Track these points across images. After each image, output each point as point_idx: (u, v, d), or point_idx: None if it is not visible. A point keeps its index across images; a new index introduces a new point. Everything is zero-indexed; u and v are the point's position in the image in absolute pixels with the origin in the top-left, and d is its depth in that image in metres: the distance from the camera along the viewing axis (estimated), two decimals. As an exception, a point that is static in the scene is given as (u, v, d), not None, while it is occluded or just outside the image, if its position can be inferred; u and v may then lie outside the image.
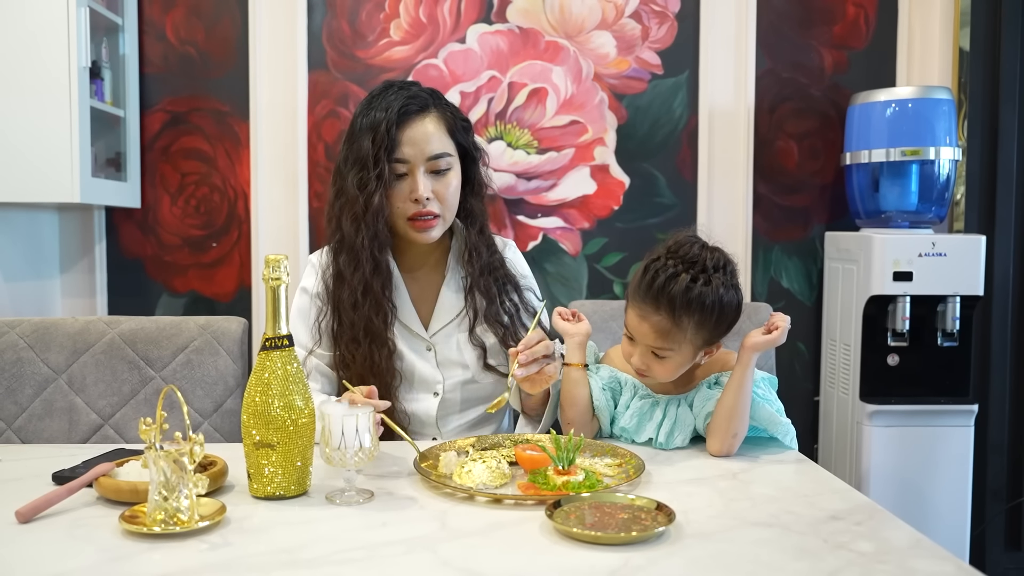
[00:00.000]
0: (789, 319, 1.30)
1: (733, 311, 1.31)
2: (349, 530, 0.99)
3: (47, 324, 1.58)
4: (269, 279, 1.10)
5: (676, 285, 1.26)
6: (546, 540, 0.95)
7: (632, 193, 2.44)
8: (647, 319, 1.29)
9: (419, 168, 1.42)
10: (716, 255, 1.31)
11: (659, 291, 1.27)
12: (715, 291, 1.27)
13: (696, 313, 1.27)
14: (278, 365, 1.10)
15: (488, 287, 1.52)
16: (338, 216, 1.45)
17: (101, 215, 2.42)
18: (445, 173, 1.45)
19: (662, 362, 1.32)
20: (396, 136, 1.41)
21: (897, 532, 0.98)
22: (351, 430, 1.07)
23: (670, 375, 1.35)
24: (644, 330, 1.30)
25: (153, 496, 0.97)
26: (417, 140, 1.42)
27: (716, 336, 1.33)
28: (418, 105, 1.44)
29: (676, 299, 1.26)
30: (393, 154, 1.41)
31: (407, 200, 1.43)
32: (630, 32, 2.41)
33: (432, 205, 1.43)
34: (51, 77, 1.99)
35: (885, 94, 2.23)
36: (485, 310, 1.51)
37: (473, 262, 1.51)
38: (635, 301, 1.31)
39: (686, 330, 1.28)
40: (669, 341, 1.29)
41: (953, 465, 2.15)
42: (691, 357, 1.33)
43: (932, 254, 2.11)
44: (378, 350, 1.42)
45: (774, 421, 1.34)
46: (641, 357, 1.33)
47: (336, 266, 1.46)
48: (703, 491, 1.14)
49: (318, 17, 2.38)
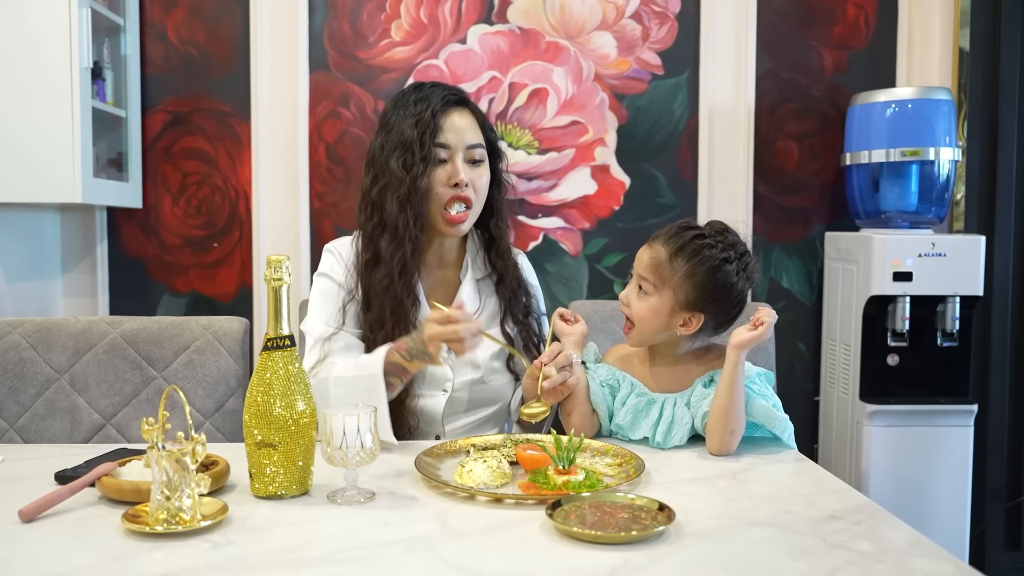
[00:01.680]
0: (775, 313, 1.31)
1: (725, 288, 1.34)
2: (350, 529, 0.99)
3: (49, 324, 1.58)
4: (271, 279, 1.10)
5: (690, 233, 1.35)
6: (546, 539, 0.96)
7: (632, 193, 2.44)
8: (650, 247, 1.38)
9: (459, 154, 1.46)
10: (741, 243, 1.38)
11: (676, 231, 1.36)
12: (718, 256, 1.33)
13: (690, 262, 1.33)
14: (280, 365, 1.10)
15: (514, 286, 1.55)
16: (375, 200, 1.46)
17: (103, 215, 2.42)
18: (480, 164, 1.49)
19: (642, 300, 1.37)
20: (440, 122, 1.45)
21: (896, 532, 0.99)
22: (352, 430, 1.07)
23: (645, 320, 1.37)
24: (642, 256, 1.38)
25: (155, 496, 0.98)
26: (459, 128, 1.47)
27: (699, 301, 1.34)
28: (458, 97, 1.50)
29: (680, 240, 1.34)
30: (436, 138, 1.44)
31: (446, 185, 1.45)
32: (630, 33, 2.41)
33: (468, 192, 1.46)
34: (53, 78, 2.00)
35: (885, 95, 2.23)
36: (513, 305, 1.54)
37: (503, 257, 1.55)
38: (652, 237, 1.39)
39: (676, 272, 1.33)
40: (656, 275, 1.35)
41: (953, 465, 2.15)
42: (668, 310, 1.35)
43: (932, 254, 2.11)
44: (403, 332, 1.42)
45: (770, 416, 1.34)
46: (628, 289, 1.40)
47: (372, 250, 1.46)
48: (703, 491, 1.14)
49: (319, 18, 2.39)
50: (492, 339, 1.35)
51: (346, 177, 2.42)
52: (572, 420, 1.39)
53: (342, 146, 2.41)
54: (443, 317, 1.28)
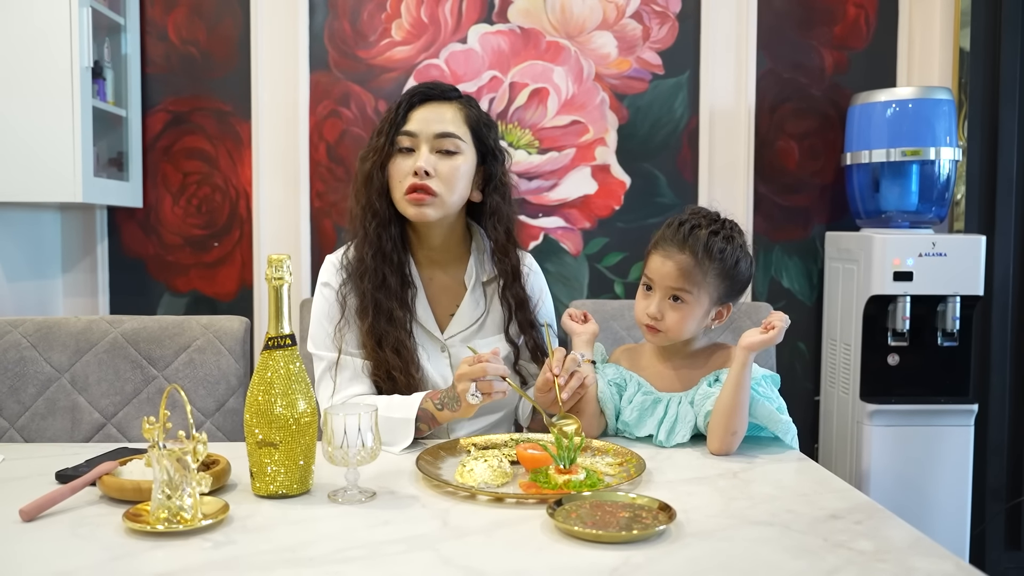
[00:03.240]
0: (787, 319, 1.31)
1: (745, 275, 1.38)
2: (351, 529, 0.99)
3: (50, 323, 1.58)
4: (272, 279, 1.10)
5: (702, 231, 1.35)
6: (547, 538, 0.96)
7: (633, 193, 2.44)
8: (671, 258, 1.35)
9: (424, 144, 1.43)
10: (732, 223, 1.40)
11: (687, 234, 1.35)
12: (735, 248, 1.36)
13: (717, 261, 1.34)
14: (281, 364, 1.10)
15: (518, 291, 1.53)
16: (351, 206, 1.48)
17: (103, 215, 2.43)
18: (452, 155, 1.45)
19: (678, 310, 1.36)
20: (407, 114, 1.45)
21: (897, 531, 0.99)
22: (353, 429, 1.07)
23: (681, 327, 1.37)
24: (667, 270, 1.35)
25: (156, 495, 0.98)
26: (428, 119, 1.45)
27: (729, 294, 1.38)
28: (439, 92, 1.48)
29: (700, 242, 1.34)
30: (401, 128, 1.44)
31: (408, 174, 1.43)
32: (631, 32, 2.41)
33: (432, 182, 1.42)
34: (53, 77, 2.00)
35: (885, 94, 2.23)
36: (518, 312, 1.52)
37: (505, 262, 1.52)
38: (660, 245, 1.38)
39: (707, 273, 1.34)
40: (690, 282, 1.34)
41: (953, 465, 2.15)
42: (704, 311, 1.37)
43: (932, 254, 2.11)
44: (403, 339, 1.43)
45: (774, 419, 1.34)
46: (658, 305, 1.36)
47: (358, 256, 1.46)
48: (703, 490, 1.14)
49: (319, 17, 2.39)
50: (516, 389, 1.32)
51: (346, 177, 2.42)
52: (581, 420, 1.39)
53: (342, 146, 2.41)
54: (474, 359, 1.29)
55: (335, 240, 2.42)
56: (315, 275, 2.38)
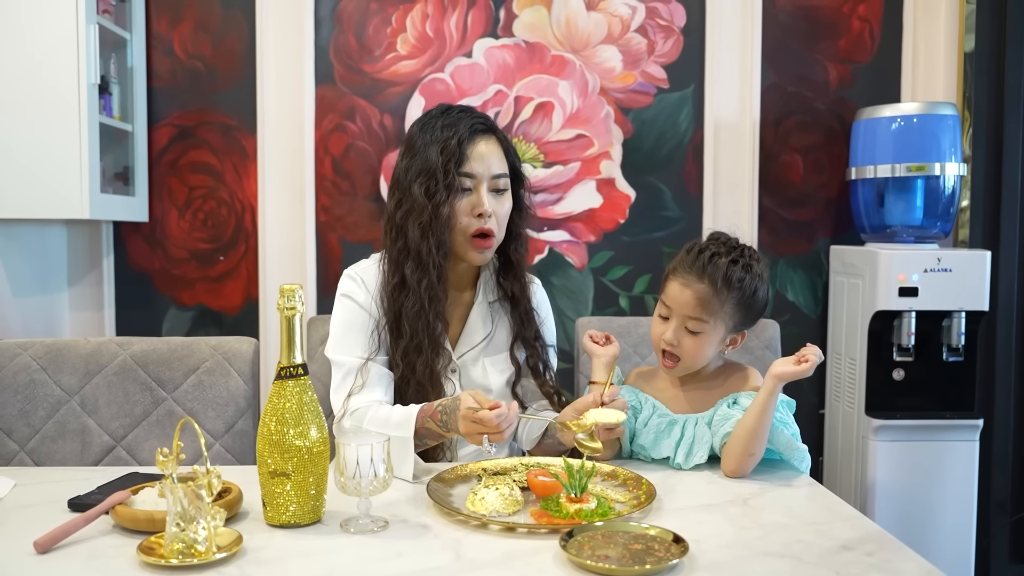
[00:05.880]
0: (821, 353, 1.32)
1: (762, 303, 1.40)
2: (366, 561, 0.99)
3: (59, 345, 1.58)
4: (284, 308, 1.10)
5: (720, 260, 1.36)
6: (560, 571, 0.96)
7: (638, 207, 2.45)
8: (690, 286, 1.36)
9: (483, 184, 1.45)
10: (751, 251, 1.40)
11: (705, 263, 1.36)
12: (753, 277, 1.37)
13: (735, 291, 1.35)
14: (293, 394, 1.11)
15: (527, 310, 1.55)
16: (400, 225, 1.45)
17: (109, 229, 2.43)
18: (503, 194, 1.48)
19: (694, 338, 1.37)
20: (466, 150, 1.44)
21: (908, 563, 0.99)
22: (366, 459, 1.08)
23: (697, 355, 1.38)
24: (685, 298, 1.36)
25: (170, 527, 0.98)
26: (484, 157, 1.45)
27: (745, 322, 1.40)
28: (485, 125, 1.48)
29: (719, 271, 1.35)
30: (462, 167, 1.43)
31: (470, 215, 1.44)
32: (636, 46, 2.42)
33: (491, 222, 1.45)
34: (60, 94, 2.00)
35: (890, 109, 2.24)
36: (524, 328, 1.53)
37: (519, 281, 1.54)
38: (678, 272, 1.38)
39: (724, 303, 1.35)
40: (707, 312, 1.35)
41: (958, 479, 2.16)
42: (720, 339, 1.38)
43: (937, 270, 2.11)
44: (437, 358, 1.43)
45: (791, 447, 1.35)
46: (674, 332, 1.37)
47: (399, 275, 1.45)
48: (714, 518, 1.14)
49: (325, 31, 2.39)
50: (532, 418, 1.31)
51: (352, 190, 2.42)
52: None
53: (348, 159, 2.42)
54: (477, 418, 1.25)
55: (341, 254, 2.43)
56: (321, 288, 2.41)
